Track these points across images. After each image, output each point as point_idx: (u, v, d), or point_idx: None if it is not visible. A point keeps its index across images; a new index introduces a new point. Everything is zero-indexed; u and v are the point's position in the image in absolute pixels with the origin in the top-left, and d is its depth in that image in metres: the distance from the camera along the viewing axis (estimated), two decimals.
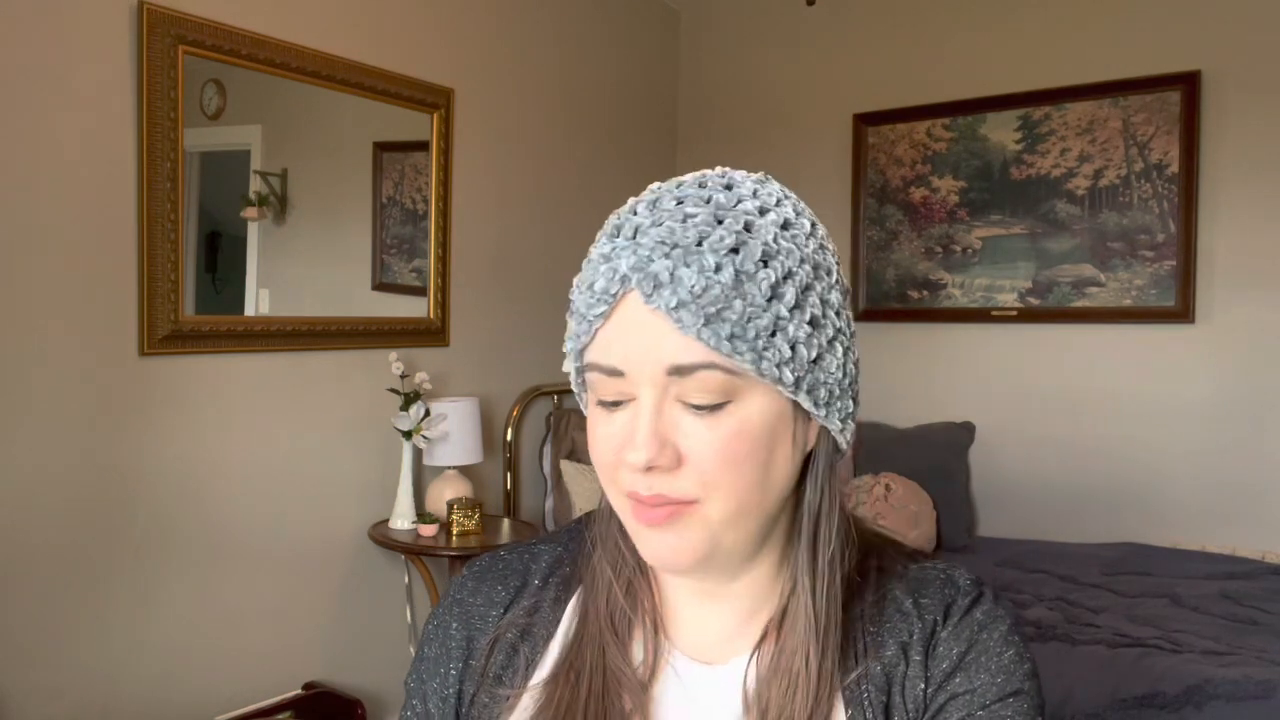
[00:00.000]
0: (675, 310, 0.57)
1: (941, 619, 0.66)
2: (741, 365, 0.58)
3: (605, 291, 0.60)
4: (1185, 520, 2.87)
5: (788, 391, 0.60)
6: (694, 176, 0.64)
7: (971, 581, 0.68)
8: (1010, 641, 0.65)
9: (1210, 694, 1.84)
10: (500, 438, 3.01)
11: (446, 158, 2.78)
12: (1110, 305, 2.99)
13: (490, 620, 0.72)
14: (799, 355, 0.60)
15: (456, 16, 2.82)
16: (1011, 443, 3.15)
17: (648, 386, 0.59)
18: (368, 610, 2.61)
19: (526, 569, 0.75)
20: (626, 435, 0.60)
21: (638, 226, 0.61)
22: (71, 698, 1.96)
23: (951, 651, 0.64)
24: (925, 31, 3.31)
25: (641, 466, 0.59)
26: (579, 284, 0.64)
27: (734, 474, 0.59)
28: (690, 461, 0.59)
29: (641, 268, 0.59)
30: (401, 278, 2.73)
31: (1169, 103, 2.88)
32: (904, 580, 0.68)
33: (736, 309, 0.58)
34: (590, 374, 0.63)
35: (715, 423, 0.59)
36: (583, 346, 0.63)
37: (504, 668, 0.70)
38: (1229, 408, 2.82)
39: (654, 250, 0.59)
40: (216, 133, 2.25)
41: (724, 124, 3.75)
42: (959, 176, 3.25)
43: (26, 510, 1.90)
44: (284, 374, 2.38)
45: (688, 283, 0.57)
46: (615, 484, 0.63)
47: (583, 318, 0.62)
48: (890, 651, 0.65)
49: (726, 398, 0.59)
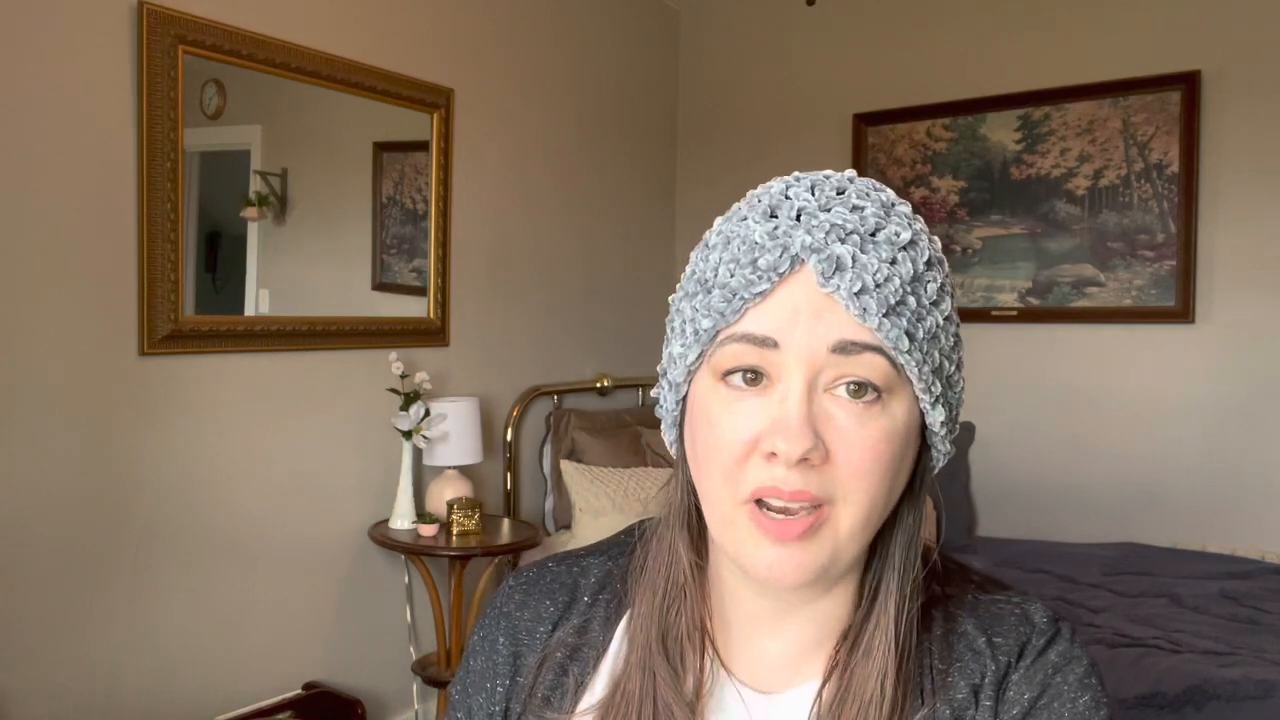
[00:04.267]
0: (858, 296, 0.54)
1: (1015, 660, 0.61)
2: (908, 362, 0.55)
3: (772, 269, 0.55)
4: (1185, 520, 2.87)
5: (929, 401, 0.58)
6: (829, 174, 0.60)
7: (1049, 619, 0.64)
8: (1086, 685, 0.60)
9: (1210, 694, 1.84)
10: (500, 438, 3.01)
11: (446, 158, 2.78)
12: (1110, 305, 2.99)
13: (538, 636, 0.69)
14: (943, 368, 0.58)
15: (456, 16, 2.82)
16: (1011, 443, 3.15)
17: (802, 366, 0.55)
18: (368, 610, 2.61)
19: (575, 584, 0.71)
20: (770, 423, 0.55)
21: (802, 209, 0.57)
22: (72, 697, 1.96)
23: (1023, 696, 0.60)
24: (925, 31, 3.31)
25: (796, 458, 0.53)
26: (723, 262, 0.58)
27: (874, 478, 0.56)
28: (837, 459, 0.55)
29: (819, 248, 0.55)
30: (401, 278, 2.73)
31: (1169, 103, 2.87)
32: (974, 613, 0.64)
33: (911, 305, 0.55)
34: (729, 345, 0.57)
35: (868, 418, 0.55)
36: (725, 326, 0.57)
37: (552, 689, 0.66)
38: (1229, 408, 2.82)
39: (830, 233, 0.55)
40: (216, 133, 2.25)
41: (724, 124, 3.75)
42: (959, 176, 3.25)
43: (27, 510, 1.90)
44: (284, 374, 2.38)
45: (870, 269, 0.54)
46: (734, 486, 0.57)
47: (734, 294, 0.56)
48: (962, 695, 0.60)
49: (884, 389, 0.56)
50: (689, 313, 0.59)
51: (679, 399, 0.62)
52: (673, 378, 0.62)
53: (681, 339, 0.60)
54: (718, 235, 0.60)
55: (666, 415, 0.65)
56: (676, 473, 0.66)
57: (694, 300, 0.59)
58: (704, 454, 0.58)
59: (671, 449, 0.66)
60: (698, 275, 0.60)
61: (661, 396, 0.65)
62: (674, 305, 0.63)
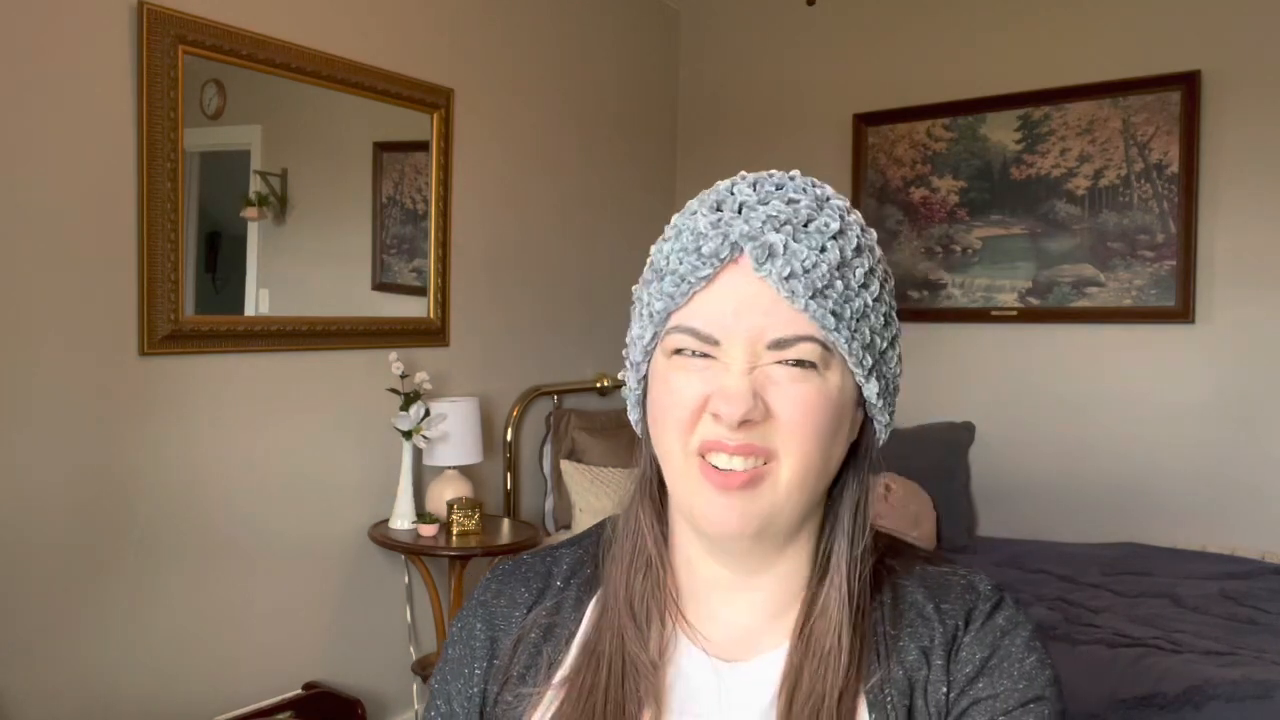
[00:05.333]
0: (787, 280, 0.61)
1: (964, 624, 0.66)
2: (836, 340, 0.62)
3: (714, 255, 0.62)
4: (1185, 520, 2.87)
5: (861, 375, 0.64)
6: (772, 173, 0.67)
7: (992, 587, 0.69)
8: (1032, 648, 0.65)
9: (1210, 694, 1.84)
10: (500, 438, 3.01)
11: (446, 158, 2.78)
12: (1110, 305, 2.99)
13: (514, 620, 0.73)
14: (874, 344, 0.65)
15: (456, 16, 2.82)
16: (1011, 443, 3.15)
17: (743, 353, 0.62)
18: (368, 610, 2.61)
19: (549, 571, 0.76)
20: (715, 388, 0.62)
21: (743, 202, 0.64)
22: (71, 698, 1.96)
23: (975, 656, 0.65)
24: (925, 31, 3.31)
25: (737, 419, 0.60)
26: (674, 251, 0.65)
27: (812, 435, 0.62)
28: (778, 415, 0.61)
29: (755, 236, 0.62)
30: (401, 278, 2.73)
31: (1169, 103, 2.88)
32: (923, 583, 0.69)
33: (838, 288, 0.62)
34: (677, 335, 0.64)
35: (804, 380, 0.62)
36: (674, 309, 0.64)
37: (527, 667, 0.70)
38: (1229, 408, 2.82)
39: (766, 223, 0.62)
40: (216, 133, 2.25)
41: (724, 124, 3.75)
42: (959, 176, 3.25)
43: (26, 510, 1.90)
44: (284, 374, 2.38)
45: (800, 256, 0.61)
46: (685, 439, 0.63)
47: (682, 279, 0.63)
48: (912, 656, 0.65)
49: (819, 364, 0.62)
50: (646, 298, 0.67)
51: (640, 378, 0.69)
52: (633, 358, 0.69)
53: (639, 322, 0.68)
54: (672, 228, 0.68)
55: (631, 395, 0.72)
56: (640, 451, 0.72)
57: (649, 286, 0.67)
58: (660, 414, 0.65)
59: (637, 427, 0.72)
60: (654, 264, 0.68)
61: (626, 377, 0.72)
62: (635, 294, 0.71)
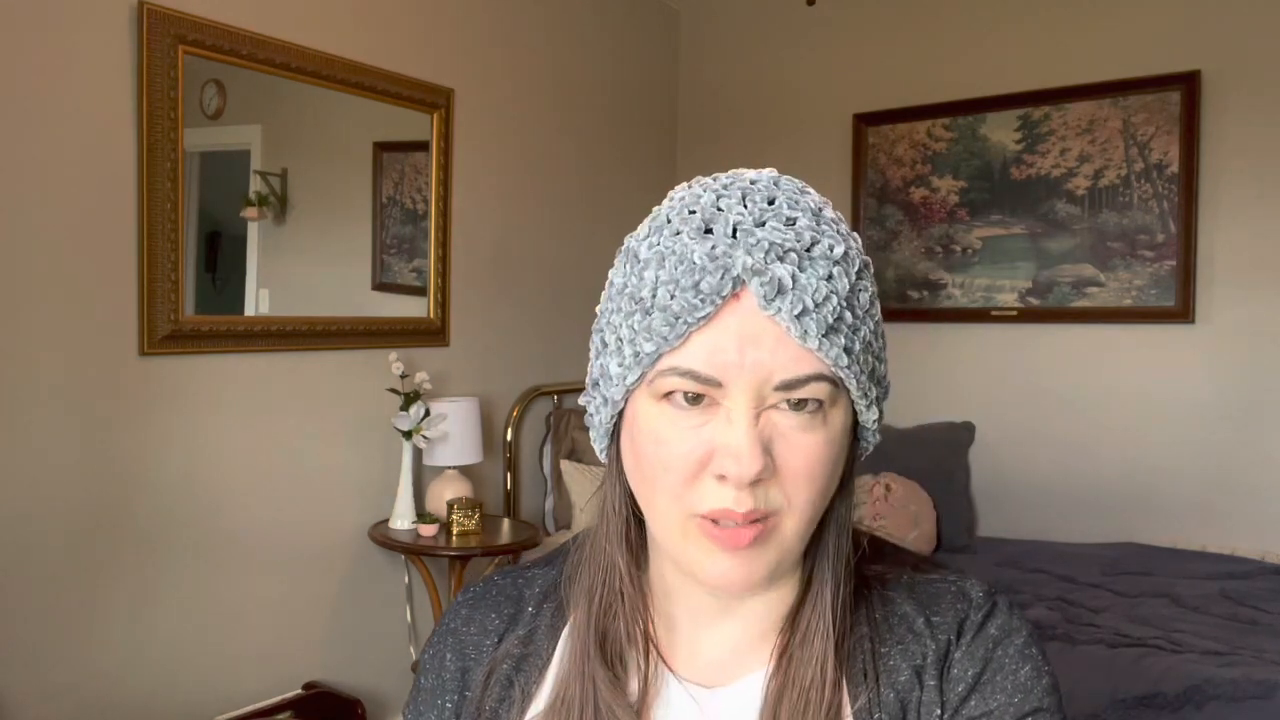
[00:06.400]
0: (799, 319, 0.53)
1: (955, 638, 0.62)
2: (847, 377, 0.56)
3: (715, 293, 0.54)
4: (1185, 520, 2.87)
5: (864, 405, 0.59)
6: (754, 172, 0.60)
7: (984, 593, 0.64)
8: (1027, 656, 0.61)
9: (1210, 694, 1.84)
10: (500, 438, 3.01)
11: (446, 158, 2.78)
12: (1110, 305, 2.99)
13: (485, 650, 0.70)
14: (876, 371, 0.59)
15: (456, 16, 2.82)
16: (1011, 443, 3.15)
17: (748, 396, 0.55)
18: (368, 610, 2.61)
19: (520, 595, 0.72)
20: (719, 444, 0.55)
21: (737, 224, 0.55)
22: (71, 698, 1.96)
23: (967, 673, 0.61)
24: (925, 31, 3.31)
25: (747, 481, 0.54)
26: (663, 283, 0.56)
27: (818, 484, 0.57)
28: (784, 469, 0.55)
29: (760, 271, 0.54)
30: (401, 278, 2.73)
31: (1169, 103, 2.87)
32: (912, 594, 0.65)
33: (848, 320, 0.55)
34: (672, 378, 0.56)
35: (811, 426, 0.56)
36: (667, 350, 0.56)
37: (500, 700, 0.67)
38: (1229, 408, 2.82)
39: (769, 252, 0.54)
40: (216, 133, 2.25)
41: (724, 124, 3.75)
42: (959, 176, 3.25)
43: (27, 510, 1.90)
44: (284, 374, 2.38)
45: (810, 290, 0.54)
46: (686, 500, 0.56)
47: (676, 318, 0.55)
48: (904, 676, 0.61)
49: (825, 402, 0.56)
50: (627, 333, 0.58)
51: (615, 413, 0.61)
52: (610, 394, 0.60)
53: (620, 358, 0.58)
54: (650, 250, 0.58)
55: (599, 426, 0.64)
56: (609, 480, 0.65)
57: (631, 319, 0.57)
58: (650, 472, 0.58)
59: (602, 456, 0.65)
60: (631, 292, 0.58)
61: (593, 406, 0.64)
62: (603, 317, 0.62)
